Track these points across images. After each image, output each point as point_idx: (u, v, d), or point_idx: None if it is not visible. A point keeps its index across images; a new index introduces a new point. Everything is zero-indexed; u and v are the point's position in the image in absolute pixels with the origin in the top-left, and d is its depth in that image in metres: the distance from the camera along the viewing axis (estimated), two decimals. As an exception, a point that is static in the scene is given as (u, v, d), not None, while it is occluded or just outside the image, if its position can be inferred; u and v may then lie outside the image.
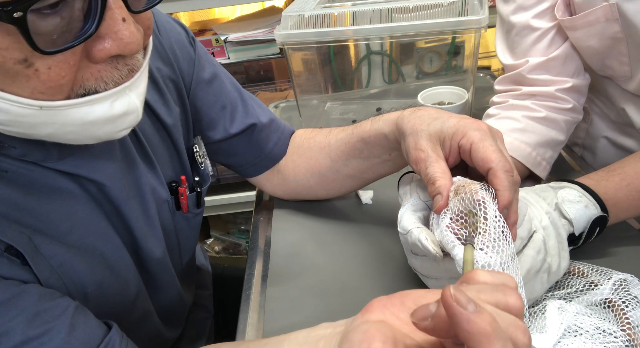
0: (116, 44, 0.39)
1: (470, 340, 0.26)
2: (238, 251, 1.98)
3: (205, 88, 0.68)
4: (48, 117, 0.40)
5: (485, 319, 0.26)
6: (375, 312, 0.33)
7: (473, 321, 0.26)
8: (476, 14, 0.80)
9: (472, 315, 0.26)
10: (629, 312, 0.50)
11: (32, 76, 0.37)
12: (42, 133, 0.41)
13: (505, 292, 0.31)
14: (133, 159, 0.57)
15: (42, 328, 0.44)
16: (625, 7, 0.64)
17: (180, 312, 0.74)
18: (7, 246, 0.45)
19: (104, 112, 0.42)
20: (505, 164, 0.48)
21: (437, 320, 0.28)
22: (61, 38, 0.36)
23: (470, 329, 0.26)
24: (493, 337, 0.26)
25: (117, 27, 0.38)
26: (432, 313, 0.29)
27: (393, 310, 0.33)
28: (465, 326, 0.26)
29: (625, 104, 0.78)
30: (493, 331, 0.26)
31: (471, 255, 0.42)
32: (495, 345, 0.26)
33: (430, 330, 0.29)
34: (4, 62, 0.35)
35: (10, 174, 0.46)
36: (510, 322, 0.29)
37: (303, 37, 0.87)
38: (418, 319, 0.29)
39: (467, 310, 0.26)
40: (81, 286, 0.52)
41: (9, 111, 0.38)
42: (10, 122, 0.39)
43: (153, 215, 0.59)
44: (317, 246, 0.72)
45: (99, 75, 0.40)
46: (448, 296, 0.26)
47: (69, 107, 0.40)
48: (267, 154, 0.75)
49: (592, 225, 0.57)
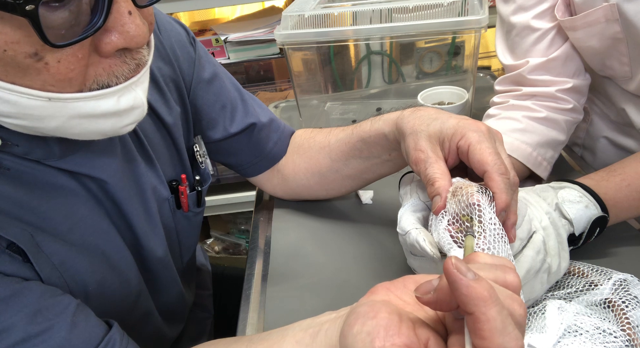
0: (123, 37, 0.39)
1: (468, 304, 0.28)
2: (238, 251, 1.98)
3: (206, 88, 0.68)
4: (56, 110, 0.40)
5: (484, 285, 0.28)
6: (379, 293, 0.35)
7: (472, 286, 0.28)
8: (476, 14, 0.80)
9: (471, 281, 0.28)
10: (629, 312, 0.50)
11: (42, 70, 0.37)
12: (49, 126, 0.41)
13: (504, 270, 0.33)
14: (133, 158, 0.57)
15: (43, 325, 0.44)
16: (626, 7, 0.64)
17: (181, 311, 0.74)
18: (9, 243, 0.45)
19: (110, 107, 0.42)
20: (501, 166, 0.48)
21: (439, 292, 0.30)
22: (70, 31, 0.37)
23: (469, 293, 0.28)
24: (490, 301, 0.28)
25: (123, 20, 0.39)
26: (435, 287, 0.30)
27: (396, 292, 0.35)
28: (464, 291, 0.28)
29: (625, 105, 0.78)
30: (490, 296, 0.28)
31: (472, 242, 0.42)
32: (492, 309, 0.28)
33: (432, 303, 0.31)
34: (15, 56, 0.36)
35: (12, 172, 0.46)
36: (507, 295, 0.31)
37: (303, 37, 0.87)
38: (421, 293, 0.31)
39: (467, 277, 0.28)
40: (83, 284, 0.52)
41: (17, 103, 0.38)
42: (19, 115, 0.40)
43: (154, 214, 0.59)
44: (317, 246, 0.72)
45: (110, 70, 0.41)
46: (449, 265, 0.28)
47: (76, 100, 0.40)
48: (267, 154, 0.75)
49: (592, 225, 0.57)
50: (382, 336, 0.31)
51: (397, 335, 0.31)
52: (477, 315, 0.28)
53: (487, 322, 0.28)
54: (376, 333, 0.31)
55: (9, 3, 0.32)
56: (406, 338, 0.31)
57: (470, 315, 0.28)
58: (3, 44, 0.35)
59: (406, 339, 0.31)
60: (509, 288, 0.31)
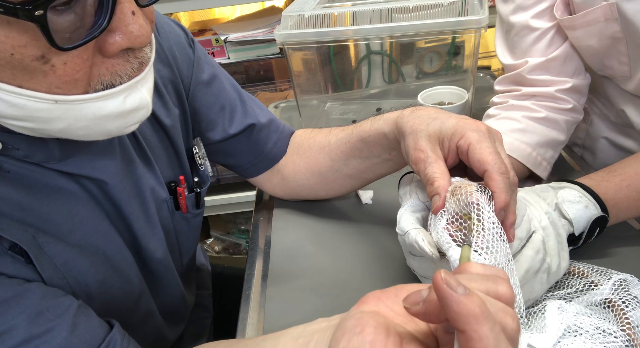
0: (127, 37, 0.39)
1: (459, 321, 0.26)
2: (238, 251, 1.98)
3: (204, 89, 0.68)
4: (62, 112, 0.40)
5: (475, 301, 0.27)
6: (369, 303, 0.34)
7: (463, 302, 0.26)
8: (476, 14, 0.80)
9: (462, 296, 0.26)
10: (629, 312, 0.50)
11: (49, 72, 0.37)
12: (55, 128, 0.42)
13: (496, 281, 0.31)
14: (132, 159, 0.57)
15: (44, 326, 0.44)
16: (625, 6, 0.64)
17: (182, 311, 0.75)
18: (11, 245, 0.45)
19: (116, 107, 0.42)
20: (501, 166, 0.48)
21: (428, 304, 0.29)
22: (75, 34, 0.37)
23: (459, 310, 0.26)
24: (481, 318, 0.26)
25: (127, 21, 0.39)
26: (424, 298, 0.29)
27: (387, 302, 0.34)
28: (455, 307, 0.26)
29: (625, 105, 0.78)
30: (482, 313, 0.26)
31: (468, 253, 0.42)
32: (484, 327, 0.26)
33: (421, 315, 0.30)
34: (22, 60, 0.36)
35: (13, 174, 0.46)
36: (500, 308, 0.29)
37: (303, 37, 0.87)
38: (410, 304, 0.30)
39: (457, 293, 0.26)
40: (85, 285, 0.52)
41: (25, 106, 0.39)
42: (26, 118, 0.40)
43: (153, 215, 0.60)
44: (317, 246, 0.72)
45: (114, 70, 0.41)
46: (439, 279, 0.27)
47: (83, 102, 0.40)
48: (267, 154, 0.75)
49: (592, 225, 0.57)
50: None
51: None
52: (469, 333, 0.27)
53: (480, 341, 0.26)
54: None
55: (18, 9, 0.33)
56: None
57: (461, 333, 0.27)
58: (10, 48, 0.35)
59: None
60: (501, 300, 0.30)
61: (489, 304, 0.28)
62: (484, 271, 0.33)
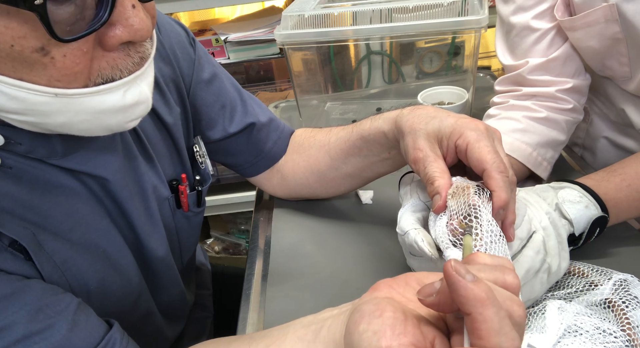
0: (127, 30, 0.39)
1: (466, 305, 0.28)
2: (238, 251, 1.98)
3: (205, 88, 0.68)
4: (62, 105, 0.40)
5: (481, 287, 0.28)
6: (382, 290, 0.36)
7: (470, 288, 0.28)
8: (476, 14, 0.80)
9: (470, 283, 0.28)
10: (629, 312, 0.50)
11: (49, 64, 0.37)
12: (56, 121, 0.41)
13: (504, 271, 0.33)
14: (134, 157, 0.57)
15: (44, 323, 0.44)
16: (625, 7, 0.64)
17: (182, 310, 0.75)
18: (11, 241, 0.45)
19: (116, 101, 0.42)
20: (500, 165, 0.48)
21: (441, 295, 0.31)
22: (76, 26, 0.37)
23: (467, 295, 0.28)
24: (487, 302, 0.28)
25: (127, 14, 0.39)
26: (437, 290, 0.31)
27: (398, 289, 0.36)
28: (462, 292, 0.28)
29: (625, 105, 0.78)
30: (487, 297, 0.28)
31: (470, 241, 0.43)
32: (489, 310, 0.28)
33: (435, 306, 0.31)
34: (22, 51, 0.36)
35: (15, 170, 0.46)
36: (507, 296, 0.31)
37: (303, 37, 0.87)
38: (424, 296, 0.32)
39: (465, 279, 0.28)
40: (84, 283, 0.52)
41: (25, 99, 0.39)
42: (25, 111, 0.40)
43: (155, 213, 0.60)
44: (317, 246, 0.72)
45: (114, 63, 0.41)
46: (449, 268, 0.29)
47: (83, 96, 0.40)
48: (267, 154, 0.75)
49: (592, 226, 0.57)
50: (389, 335, 0.31)
51: (404, 334, 0.31)
52: (474, 315, 0.28)
53: (484, 322, 0.28)
54: (383, 333, 0.31)
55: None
56: (412, 337, 0.31)
57: (468, 316, 0.29)
58: (10, 39, 0.35)
59: (412, 338, 0.31)
60: (508, 289, 0.32)
61: (497, 293, 0.30)
62: (491, 261, 0.34)
